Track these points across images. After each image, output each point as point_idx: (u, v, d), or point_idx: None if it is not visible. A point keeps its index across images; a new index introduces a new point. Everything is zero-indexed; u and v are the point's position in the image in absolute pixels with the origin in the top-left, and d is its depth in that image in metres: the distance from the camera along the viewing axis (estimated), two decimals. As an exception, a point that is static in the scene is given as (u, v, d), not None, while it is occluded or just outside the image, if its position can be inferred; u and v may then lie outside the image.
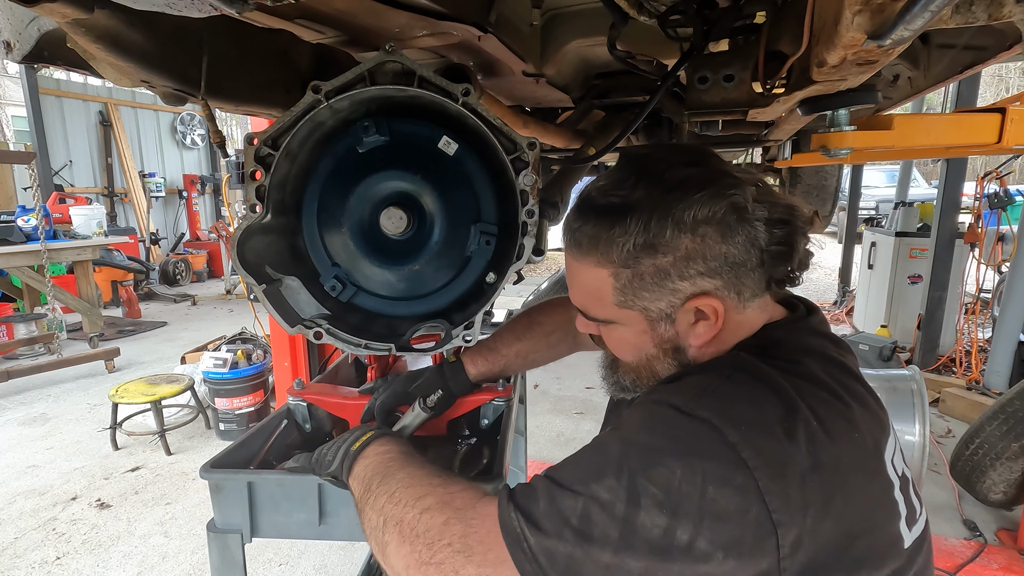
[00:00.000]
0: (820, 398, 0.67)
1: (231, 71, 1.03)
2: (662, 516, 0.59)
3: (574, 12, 1.34)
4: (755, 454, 0.60)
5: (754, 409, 0.64)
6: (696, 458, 0.61)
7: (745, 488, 0.59)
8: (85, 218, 5.70)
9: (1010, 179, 4.38)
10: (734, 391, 0.66)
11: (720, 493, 0.59)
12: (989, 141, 1.25)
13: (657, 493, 0.59)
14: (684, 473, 0.60)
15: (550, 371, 4.58)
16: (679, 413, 0.64)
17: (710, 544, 0.59)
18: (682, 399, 0.66)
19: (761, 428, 0.62)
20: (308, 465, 0.88)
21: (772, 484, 0.59)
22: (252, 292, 0.96)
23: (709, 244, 0.69)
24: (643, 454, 0.63)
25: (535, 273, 9.68)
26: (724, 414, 0.63)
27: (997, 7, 0.55)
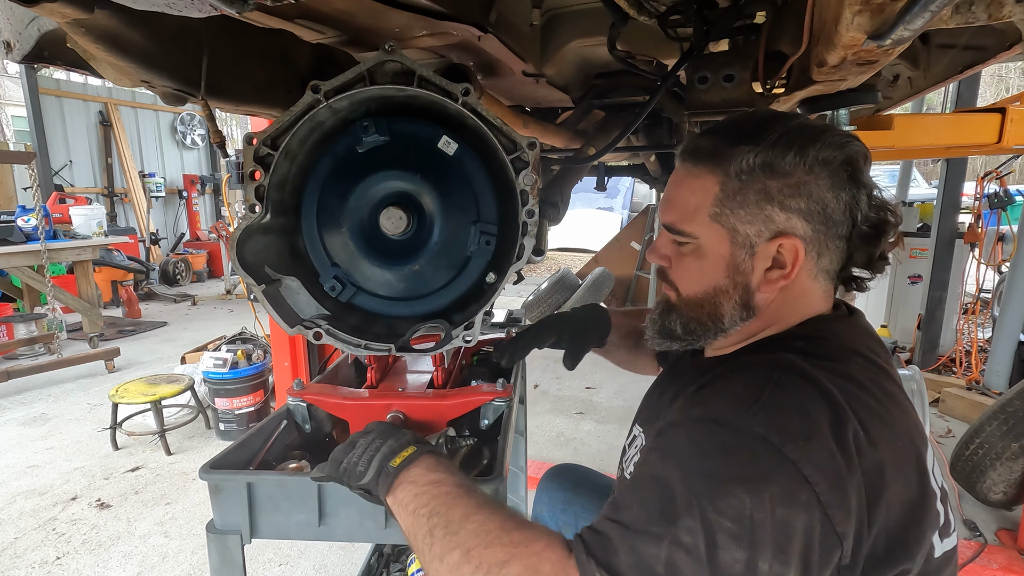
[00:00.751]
0: (865, 403, 0.66)
1: (231, 71, 1.03)
2: (741, 551, 0.58)
3: (574, 12, 1.34)
4: (815, 469, 0.60)
5: (807, 419, 0.63)
6: (761, 482, 0.60)
7: (810, 505, 0.59)
8: (85, 218, 5.70)
9: (1010, 179, 4.38)
10: (784, 399, 0.65)
11: (789, 514, 0.59)
12: (989, 141, 1.25)
13: (732, 527, 0.58)
14: (753, 501, 0.59)
15: (550, 371, 4.57)
16: (733, 432, 0.63)
17: (784, 566, 0.59)
18: (732, 414, 0.64)
19: (817, 441, 0.61)
20: (335, 475, 0.80)
21: (832, 498, 0.60)
22: (252, 292, 0.96)
23: (818, 185, 0.71)
24: (708, 485, 0.61)
25: (535, 273, 9.68)
26: (779, 428, 0.62)
27: (997, 7, 0.55)
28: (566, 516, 1.34)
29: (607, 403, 4.00)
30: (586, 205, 11.43)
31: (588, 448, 3.31)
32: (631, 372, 1.29)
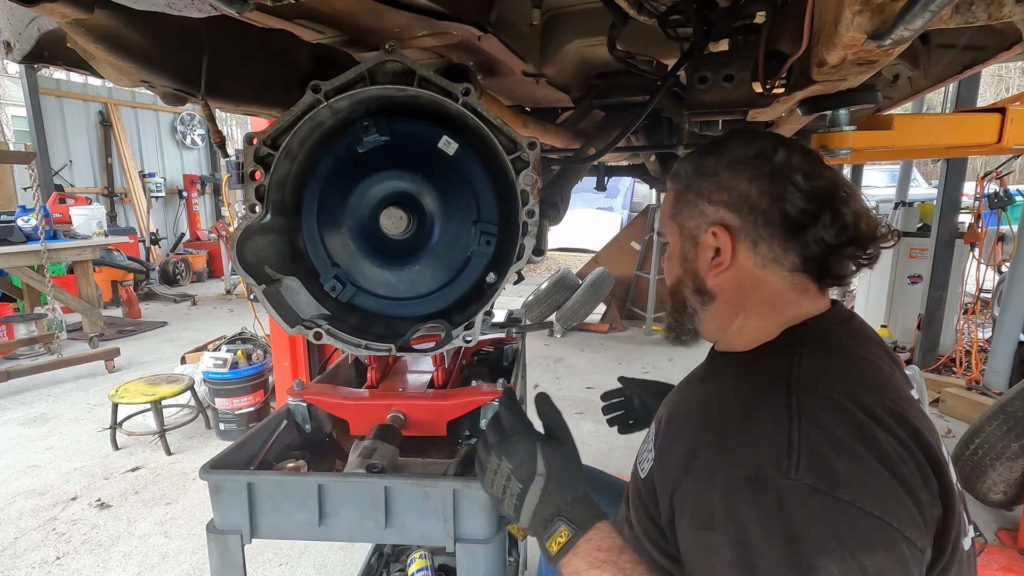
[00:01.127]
0: (886, 408, 0.67)
1: (231, 71, 1.02)
2: None
3: (574, 12, 1.34)
4: (874, 501, 0.59)
5: (851, 457, 0.61)
6: (838, 541, 0.57)
7: (889, 541, 0.58)
8: (85, 218, 5.70)
9: (1010, 179, 4.38)
10: (820, 439, 0.62)
11: (877, 560, 0.57)
12: (989, 141, 1.25)
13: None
14: (839, 566, 0.56)
15: (550, 371, 4.58)
16: (773, 490, 0.60)
17: None
18: (774, 467, 0.61)
19: (861, 469, 0.60)
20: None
21: (901, 518, 0.59)
22: (252, 292, 0.96)
23: (738, 179, 0.80)
24: (793, 567, 0.57)
25: (535, 273, 9.68)
26: (820, 473, 0.60)
27: (997, 7, 0.55)
28: None
29: (607, 403, 4.00)
30: (586, 205, 11.43)
31: (588, 448, 3.31)
32: None
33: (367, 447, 0.98)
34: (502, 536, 0.87)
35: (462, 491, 0.85)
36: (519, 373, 1.37)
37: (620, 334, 5.86)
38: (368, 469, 0.92)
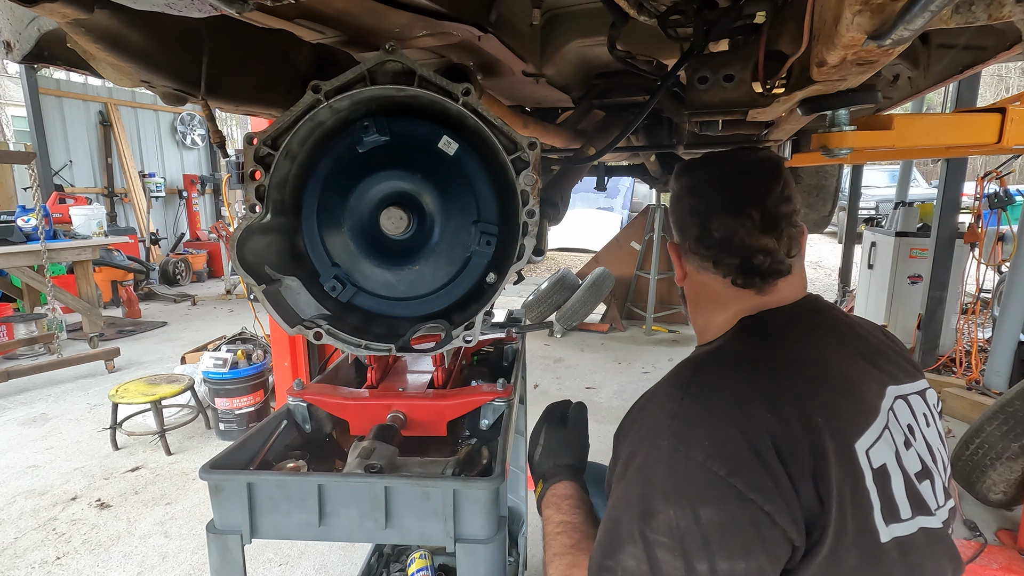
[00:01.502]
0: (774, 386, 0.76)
1: (231, 71, 1.02)
2: (678, 559, 0.66)
3: (574, 12, 1.34)
4: (723, 463, 0.68)
5: (714, 427, 0.72)
6: (679, 491, 0.69)
7: (726, 497, 0.67)
8: (85, 218, 5.69)
9: (1010, 179, 4.38)
10: (694, 411, 0.75)
11: (710, 512, 0.66)
12: (989, 141, 1.25)
13: (665, 541, 0.67)
14: (676, 511, 0.68)
15: (550, 371, 4.58)
16: (651, 448, 0.74)
17: (728, 560, 0.65)
18: (658, 428, 0.76)
19: (722, 435, 0.70)
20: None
21: (748, 482, 0.67)
22: (252, 292, 0.96)
23: (681, 206, 0.98)
24: (641, 509, 0.71)
25: (535, 273, 9.68)
26: (684, 436, 0.72)
27: (997, 7, 0.55)
28: None
29: (607, 403, 4.00)
30: (586, 205, 11.43)
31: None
32: None
33: (366, 447, 0.98)
34: (502, 536, 0.87)
35: (462, 491, 0.85)
36: (519, 373, 1.37)
37: (620, 334, 5.86)
38: (366, 469, 0.92)
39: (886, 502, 0.72)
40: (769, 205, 0.89)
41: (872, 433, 0.74)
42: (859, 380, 0.80)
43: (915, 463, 0.78)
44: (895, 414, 0.80)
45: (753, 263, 0.89)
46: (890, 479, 0.74)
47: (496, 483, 0.85)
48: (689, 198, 0.96)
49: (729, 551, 0.65)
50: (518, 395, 1.23)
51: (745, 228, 0.89)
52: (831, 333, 0.88)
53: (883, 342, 0.93)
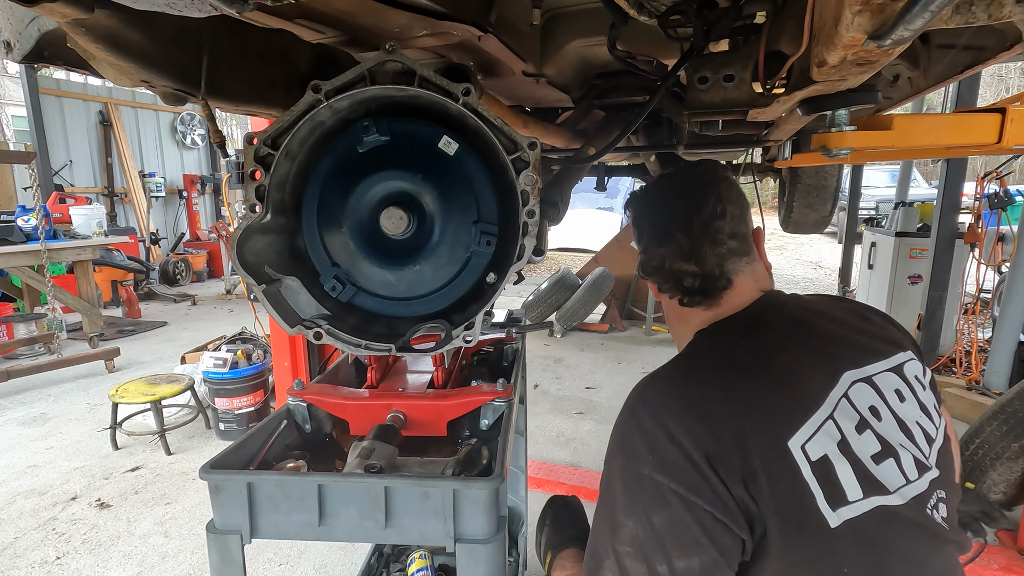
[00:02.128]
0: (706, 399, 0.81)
1: (231, 71, 1.03)
2: (642, 564, 0.74)
3: (574, 12, 1.34)
4: (664, 473, 0.75)
5: (653, 443, 0.78)
6: (634, 503, 0.76)
7: (671, 501, 0.73)
8: (85, 218, 5.70)
9: (1010, 179, 4.38)
10: (635, 431, 0.82)
11: (660, 517, 0.73)
12: (989, 141, 1.24)
13: (629, 550, 0.75)
14: (634, 521, 0.75)
15: (550, 371, 4.58)
16: (609, 468, 0.83)
17: (683, 559, 0.72)
18: (615, 449, 0.84)
19: (660, 450, 0.77)
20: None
21: (688, 487, 0.73)
22: (252, 292, 0.96)
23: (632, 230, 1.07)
24: (610, 525, 0.78)
25: (535, 273, 9.68)
26: (632, 454, 0.80)
27: (997, 7, 0.55)
28: None
29: (607, 403, 4.00)
30: (586, 205, 11.42)
31: (588, 448, 3.31)
32: None
33: (365, 447, 0.98)
34: (502, 536, 0.87)
35: (462, 491, 0.85)
36: (519, 373, 1.37)
37: (620, 334, 5.86)
38: (366, 469, 0.92)
39: (830, 489, 0.74)
40: (695, 228, 0.94)
41: (810, 427, 0.77)
42: (801, 375, 0.83)
43: (872, 445, 0.79)
44: (850, 399, 0.81)
45: (684, 286, 0.96)
46: (833, 467, 0.76)
47: (496, 483, 0.85)
48: (635, 228, 1.06)
49: (682, 550, 0.72)
50: (518, 395, 1.23)
51: (672, 255, 0.96)
52: (780, 331, 0.90)
53: (848, 326, 0.93)
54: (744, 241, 0.96)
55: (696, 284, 0.95)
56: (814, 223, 3.57)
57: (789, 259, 10.79)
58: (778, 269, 9.79)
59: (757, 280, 0.97)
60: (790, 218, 3.54)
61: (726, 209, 0.94)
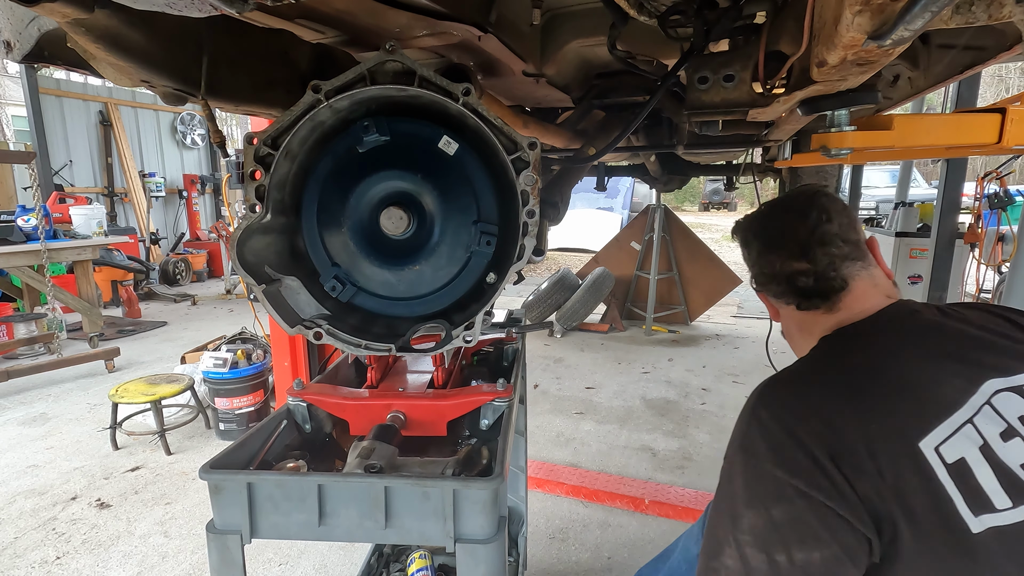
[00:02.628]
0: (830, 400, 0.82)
1: (231, 71, 1.03)
2: (761, 554, 0.76)
3: (574, 12, 1.34)
4: (785, 470, 0.77)
5: (773, 439, 0.81)
6: (754, 496, 0.79)
7: (792, 497, 0.75)
8: (85, 218, 5.69)
9: (1010, 179, 4.38)
10: (757, 428, 0.84)
11: (779, 510, 0.76)
12: (989, 141, 1.24)
13: (749, 539, 0.78)
14: (754, 513, 0.78)
15: (550, 371, 4.58)
16: (731, 464, 0.86)
17: (803, 551, 0.73)
18: (735, 446, 0.87)
19: (782, 448, 0.79)
20: None
21: (808, 482, 0.75)
22: (252, 292, 0.96)
23: (743, 254, 1.12)
24: (730, 516, 0.81)
25: (535, 273, 9.68)
26: (753, 452, 0.82)
27: (997, 7, 0.55)
28: None
29: (607, 403, 4.00)
30: (586, 205, 11.43)
31: (588, 448, 3.31)
32: None
33: (365, 447, 0.98)
34: (502, 536, 0.87)
35: (462, 491, 0.85)
36: (519, 373, 1.37)
37: (620, 334, 5.86)
38: (366, 469, 0.92)
39: (970, 493, 0.73)
40: (801, 232, 0.98)
41: (945, 429, 0.76)
42: (935, 379, 0.82)
43: (1020, 454, 0.76)
44: (994, 407, 0.79)
45: (798, 286, 0.98)
46: (972, 471, 0.74)
47: (496, 483, 0.85)
48: (743, 248, 1.11)
49: (802, 543, 0.74)
50: (518, 395, 1.23)
51: (783, 257, 1.00)
52: (911, 336, 0.90)
53: (997, 332, 0.89)
54: (856, 247, 0.98)
55: (810, 283, 0.97)
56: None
57: (789, 259, 10.78)
58: (778, 269, 9.78)
59: (879, 286, 0.98)
60: (790, 218, 3.53)
61: (831, 216, 0.98)
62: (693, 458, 3.18)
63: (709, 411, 3.86)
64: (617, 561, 2.33)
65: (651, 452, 3.26)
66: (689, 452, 3.26)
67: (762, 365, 4.73)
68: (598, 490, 2.79)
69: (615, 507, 2.72)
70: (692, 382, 4.42)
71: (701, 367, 4.78)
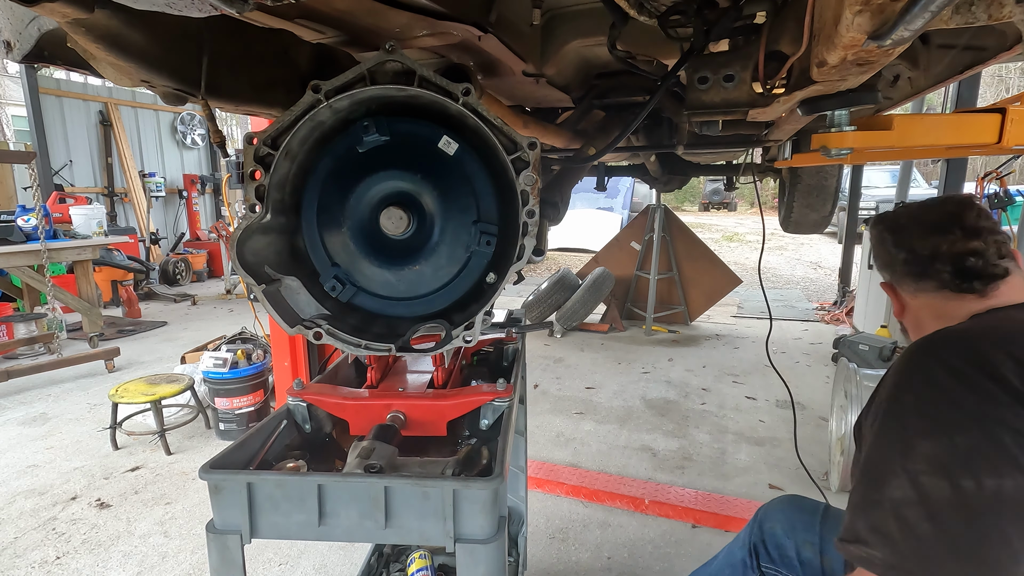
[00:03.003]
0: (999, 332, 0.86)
1: (231, 71, 1.03)
2: (943, 480, 0.73)
3: (574, 12, 1.34)
4: (968, 395, 0.77)
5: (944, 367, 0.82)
6: (935, 426, 0.77)
7: (979, 423, 0.75)
8: (85, 218, 5.69)
9: (1010, 179, 4.38)
10: (935, 363, 0.84)
11: (964, 437, 0.74)
12: (989, 141, 1.24)
13: (926, 468, 0.75)
14: (933, 442, 0.76)
15: (550, 371, 4.58)
16: (897, 403, 0.86)
17: (995, 477, 0.71)
18: (894, 389, 0.88)
19: (960, 372, 0.80)
20: None
21: (995, 404, 0.75)
22: (252, 292, 0.96)
23: (879, 244, 1.13)
24: (900, 448, 0.80)
25: (535, 273, 9.68)
26: (929, 381, 0.82)
27: (997, 7, 0.55)
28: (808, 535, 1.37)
29: (607, 403, 4.00)
30: (586, 205, 11.43)
31: (588, 448, 3.31)
32: None
33: (365, 447, 0.98)
34: (502, 536, 0.87)
35: (462, 491, 0.85)
36: (519, 373, 1.37)
37: (620, 334, 5.86)
38: (366, 469, 0.92)
39: None
40: (968, 221, 1.00)
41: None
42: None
43: None
44: None
45: (966, 266, 0.98)
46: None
47: (496, 483, 0.85)
48: (890, 235, 1.09)
49: (992, 468, 0.71)
50: (518, 395, 1.23)
51: (949, 240, 1.00)
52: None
53: None
54: (1007, 247, 1.02)
55: (979, 264, 0.97)
56: (814, 223, 3.57)
57: (789, 259, 10.79)
58: (777, 269, 9.79)
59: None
60: (790, 218, 3.54)
61: (988, 216, 1.03)
62: (693, 458, 3.18)
63: (709, 411, 3.86)
64: (617, 561, 2.33)
65: (651, 452, 3.26)
66: (689, 452, 3.26)
67: (762, 365, 4.73)
68: (598, 490, 2.79)
69: (615, 507, 2.72)
70: (692, 382, 4.42)
71: (701, 367, 4.78)
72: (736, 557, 1.39)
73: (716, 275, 6.00)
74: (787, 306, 7.05)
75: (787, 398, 3.88)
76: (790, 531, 1.34)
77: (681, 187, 3.77)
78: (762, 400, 4.04)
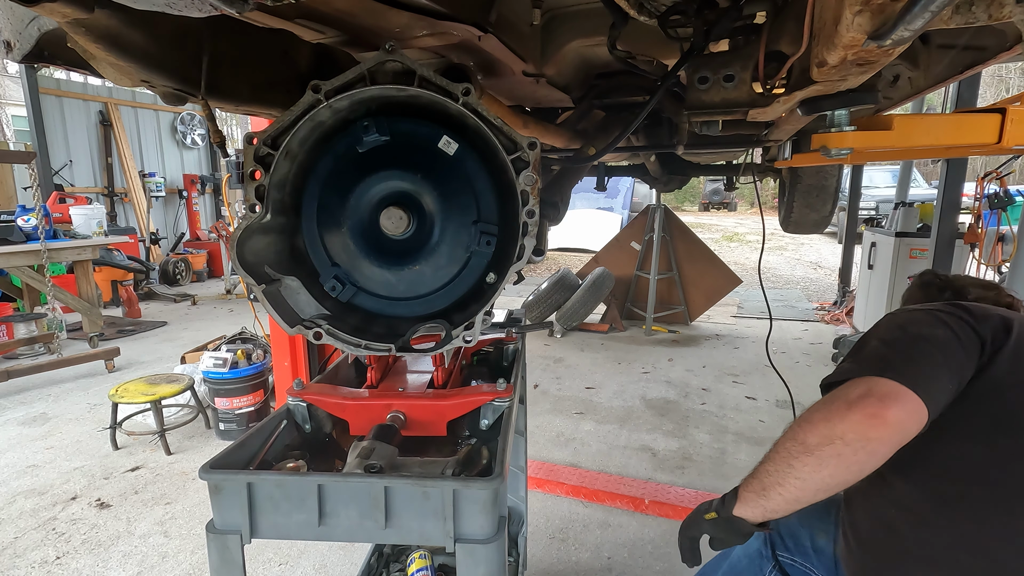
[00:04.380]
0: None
1: (231, 71, 1.03)
2: (900, 332, 1.01)
3: (574, 12, 1.34)
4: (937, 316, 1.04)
5: (927, 310, 1.08)
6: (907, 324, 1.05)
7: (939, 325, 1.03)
8: (85, 218, 5.69)
9: (1010, 179, 4.38)
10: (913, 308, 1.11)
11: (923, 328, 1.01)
12: (989, 141, 1.24)
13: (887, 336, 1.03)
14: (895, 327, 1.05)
15: (550, 371, 4.58)
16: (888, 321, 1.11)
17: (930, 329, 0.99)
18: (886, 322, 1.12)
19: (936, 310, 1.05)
20: None
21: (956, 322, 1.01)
22: (252, 292, 0.96)
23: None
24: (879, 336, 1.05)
25: (535, 273, 9.68)
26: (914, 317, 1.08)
27: (997, 7, 0.55)
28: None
29: (607, 403, 4.00)
30: (586, 205, 11.43)
31: (588, 448, 3.31)
32: None
33: (365, 447, 0.98)
34: (502, 536, 0.87)
35: (462, 491, 0.85)
36: (519, 373, 1.37)
37: (620, 334, 5.86)
38: (366, 469, 0.92)
39: None
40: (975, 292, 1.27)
41: None
42: None
43: None
44: None
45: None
46: None
47: (496, 483, 0.85)
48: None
49: (930, 326, 0.98)
50: (518, 395, 1.23)
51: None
52: None
53: None
54: None
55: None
56: (814, 223, 3.57)
57: (789, 259, 10.79)
58: (777, 269, 9.79)
59: None
60: (790, 218, 3.54)
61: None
62: (693, 458, 3.18)
63: (709, 411, 3.86)
64: (617, 561, 2.33)
65: (651, 452, 3.26)
66: (689, 452, 3.26)
67: (762, 365, 4.73)
68: (598, 490, 2.79)
69: (615, 507, 2.72)
70: (692, 382, 4.42)
71: (701, 367, 4.78)
72: (752, 547, 1.40)
73: (716, 275, 6.00)
74: (787, 306, 7.05)
75: (787, 398, 3.88)
76: (804, 520, 1.35)
77: (681, 187, 3.77)
78: (762, 400, 4.04)
